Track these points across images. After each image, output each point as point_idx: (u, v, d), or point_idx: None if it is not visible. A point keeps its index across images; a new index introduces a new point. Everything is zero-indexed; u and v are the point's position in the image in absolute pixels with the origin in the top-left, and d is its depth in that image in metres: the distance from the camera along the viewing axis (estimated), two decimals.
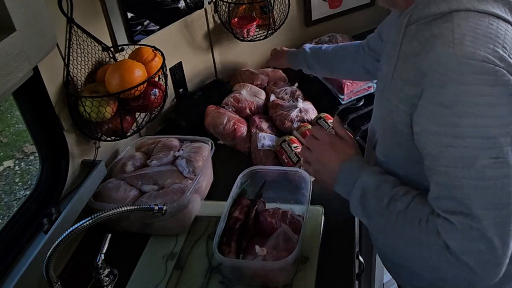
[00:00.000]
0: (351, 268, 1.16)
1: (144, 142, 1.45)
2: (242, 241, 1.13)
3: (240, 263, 1.09)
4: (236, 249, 1.10)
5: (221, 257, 1.06)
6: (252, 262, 1.08)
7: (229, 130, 1.53)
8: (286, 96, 1.68)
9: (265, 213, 1.20)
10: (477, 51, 0.74)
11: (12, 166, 3.36)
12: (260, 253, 1.08)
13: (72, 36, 1.19)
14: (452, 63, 0.74)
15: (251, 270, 1.10)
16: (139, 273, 1.18)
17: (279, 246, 1.10)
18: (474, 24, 0.76)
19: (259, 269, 1.08)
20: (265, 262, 1.07)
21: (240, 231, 1.14)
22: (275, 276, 1.09)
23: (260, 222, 1.19)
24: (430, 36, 0.79)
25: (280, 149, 1.45)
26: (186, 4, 1.54)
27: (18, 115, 3.66)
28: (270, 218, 1.18)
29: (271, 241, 1.12)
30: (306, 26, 1.92)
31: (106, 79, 1.22)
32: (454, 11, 0.79)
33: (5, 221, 2.87)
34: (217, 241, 1.10)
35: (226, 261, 1.08)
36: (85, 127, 1.25)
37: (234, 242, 1.11)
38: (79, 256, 1.25)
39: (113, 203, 1.22)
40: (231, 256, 1.09)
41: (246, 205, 1.20)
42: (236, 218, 1.16)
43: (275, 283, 1.11)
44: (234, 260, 1.09)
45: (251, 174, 1.28)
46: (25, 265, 1.03)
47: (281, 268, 1.06)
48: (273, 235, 1.13)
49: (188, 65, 1.67)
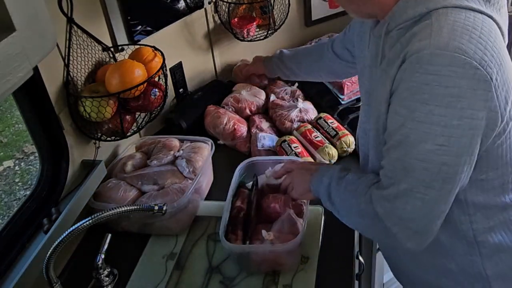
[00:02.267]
0: (351, 268, 1.16)
1: (144, 142, 1.45)
2: (248, 229, 1.15)
3: (249, 248, 1.11)
4: (242, 237, 1.12)
5: (229, 245, 1.08)
6: (260, 246, 1.10)
7: (229, 130, 1.53)
8: (286, 96, 1.68)
9: (268, 199, 1.21)
10: (451, 41, 0.75)
11: (12, 166, 3.36)
12: (267, 237, 1.09)
13: (72, 36, 1.19)
14: (426, 52, 0.76)
15: (259, 256, 1.11)
16: (139, 273, 1.18)
17: (284, 230, 1.12)
18: (452, 18, 0.78)
19: (267, 254, 1.10)
20: (273, 245, 1.08)
21: (244, 219, 1.16)
22: (283, 260, 1.11)
23: (263, 208, 1.20)
24: (410, 35, 0.81)
25: (280, 149, 1.45)
26: (186, 4, 1.54)
27: (18, 115, 3.66)
28: (274, 203, 1.19)
29: (277, 225, 1.13)
30: (306, 26, 1.92)
31: (106, 79, 1.22)
32: (432, 10, 0.80)
33: (5, 221, 2.86)
34: (223, 230, 1.11)
35: (234, 248, 1.09)
36: (85, 127, 1.25)
37: (240, 230, 1.13)
38: (79, 256, 1.25)
39: (113, 203, 1.22)
40: (238, 243, 1.10)
41: (246, 195, 1.22)
42: (239, 207, 1.18)
43: (283, 267, 1.13)
44: (242, 246, 1.11)
45: (249, 166, 1.30)
46: (25, 265, 1.03)
47: (289, 250, 1.08)
48: (278, 219, 1.14)
49: (188, 65, 1.67)
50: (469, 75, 0.75)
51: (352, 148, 1.46)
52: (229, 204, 1.19)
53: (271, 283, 1.12)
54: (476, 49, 0.75)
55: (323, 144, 1.44)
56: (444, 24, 0.77)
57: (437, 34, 0.76)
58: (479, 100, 0.77)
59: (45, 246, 1.07)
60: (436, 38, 0.76)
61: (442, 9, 0.79)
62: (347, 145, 1.45)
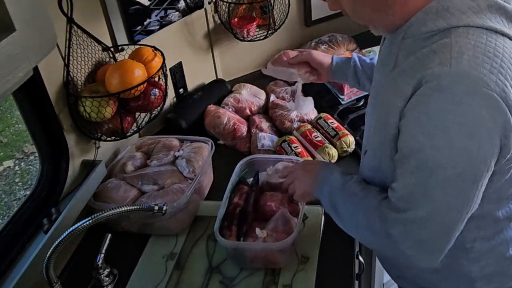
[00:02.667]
0: (351, 268, 1.16)
1: (144, 142, 1.45)
2: (243, 225, 1.16)
3: (242, 244, 1.12)
4: (236, 233, 1.13)
5: (223, 240, 1.10)
6: (253, 243, 1.11)
7: (229, 130, 1.53)
8: (286, 96, 1.68)
9: (265, 197, 1.22)
10: (472, 71, 0.74)
11: (12, 166, 3.36)
12: (260, 235, 1.11)
13: (72, 36, 1.19)
14: (447, 80, 0.75)
15: (252, 252, 1.12)
16: (139, 273, 1.18)
17: (278, 228, 1.13)
18: (473, 41, 0.76)
19: (260, 251, 1.11)
20: (265, 243, 1.10)
21: (240, 216, 1.17)
22: (274, 258, 1.13)
23: (260, 206, 1.21)
24: (428, 52, 0.79)
25: (280, 149, 1.45)
26: (186, 4, 1.54)
27: (18, 115, 3.66)
28: (270, 201, 1.20)
29: (271, 224, 1.15)
30: (306, 26, 1.92)
31: (106, 79, 1.22)
32: (453, 27, 0.78)
33: (5, 221, 2.87)
34: (218, 225, 1.13)
35: (228, 244, 1.11)
36: (85, 127, 1.25)
37: (234, 226, 1.14)
38: (79, 256, 1.25)
39: (113, 203, 1.22)
40: (231, 239, 1.12)
41: (245, 192, 1.22)
42: (236, 203, 1.19)
43: (274, 265, 1.14)
44: (236, 242, 1.12)
45: (249, 163, 1.30)
46: (25, 265, 1.03)
47: (280, 249, 1.09)
48: (273, 218, 1.16)
49: (188, 65, 1.67)
50: (489, 106, 0.74)
51: (352, 148, 1.46)
52: (227, 199, 1.20)
53: (271, 283, 1.12)
54: (497, 80, 0.74)
55: (323, 144, 1.44)
56: (465, 49, 0.75)
57: (458, 61, 0.75)
58: (497, 129, 0.76)
59: (45, 246, 1.07)
60: (457, 65, 0.74)
61: (463, 28, 0.77)
62: (347, 145, 1.45)
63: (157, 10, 1.47)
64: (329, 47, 1.83)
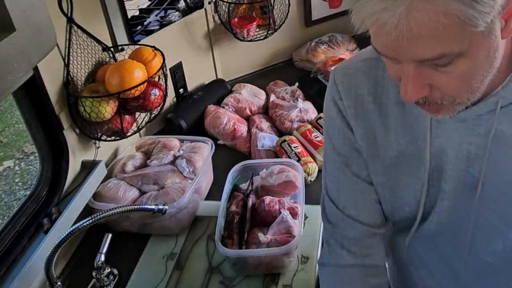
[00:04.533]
0: None
1: (144, 142, 1.45)
2: (243, 233, 1.15)
3: (246, 253, 1.11)
4: (238, 241, 1.13)
5: (226, 250, 1.08)
6: (257, 250, 1.10)
7: (229, 130, 1.53)
8: (286, 96, 1.68)
9: (262, 203, 1.21)
10: None
11: (12, 166, 3.36)
12: (264, 240, 1.10)
13: (72, 36, 1.19)
14: None
15: (255, 259, 1.11)
16: (139, 273, 1.18)
17: (281, 232, 1.12)
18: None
19: (264, 257, 1.10)
20: (270, 248, 1.09)
21: (239, 224, 1.16)
22: (279, 262, 1.12)
23: (258, 212, 1.20)
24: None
25: (280, 149, 1.45)
26: (186, 4, 1.54)
27: (18, 115, 3.66)
28: (268, 207, 1.19)
29: (273, 228, 1.14)
30: (306, 26, 1.92)
31: (106, 79, 1.22)
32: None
33: (5, 221, 2.87)
34: (219, 236, 1.12)
35: (231, 253, 1.09)
36: (85, 127, 1.25)
37: (236, 235, 1.13)
38: (79, 256, 1.25)
39: (113, 203, 1.22)
40: (234, 248, 1.11)
41: (241, 199, 1.22)
42: (234, 211, 1.18)
43: (279, 269, 1.13)
44: (239, 251, 1.11)
45: (242, 169, 1.30)
46: (25, 265, 1.03)
47: (285, 253, 1.08)
48: (274, 222, 1.15)
49: (188, 65, 1.67)
50: None
51: None
52: (224, 209, 1.19)
53: (271, 283, 1.12)
54: None
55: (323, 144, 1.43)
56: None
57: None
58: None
59: (45, 246, 1.07)
60: None
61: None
62: None
63: (157, 10, 1.47)
64: (329, 47, 1.83)
